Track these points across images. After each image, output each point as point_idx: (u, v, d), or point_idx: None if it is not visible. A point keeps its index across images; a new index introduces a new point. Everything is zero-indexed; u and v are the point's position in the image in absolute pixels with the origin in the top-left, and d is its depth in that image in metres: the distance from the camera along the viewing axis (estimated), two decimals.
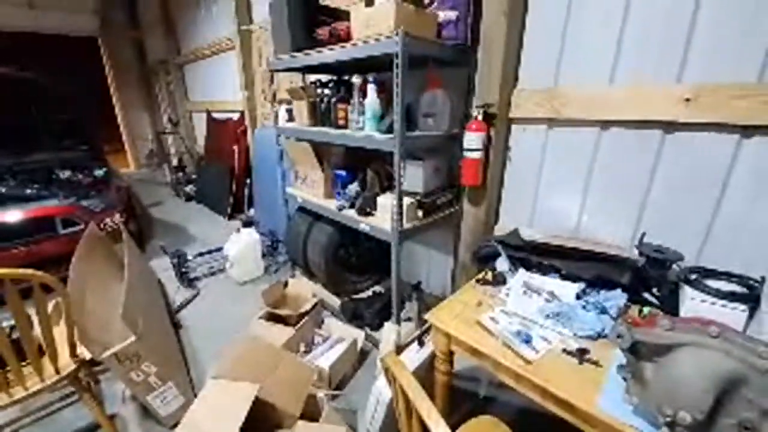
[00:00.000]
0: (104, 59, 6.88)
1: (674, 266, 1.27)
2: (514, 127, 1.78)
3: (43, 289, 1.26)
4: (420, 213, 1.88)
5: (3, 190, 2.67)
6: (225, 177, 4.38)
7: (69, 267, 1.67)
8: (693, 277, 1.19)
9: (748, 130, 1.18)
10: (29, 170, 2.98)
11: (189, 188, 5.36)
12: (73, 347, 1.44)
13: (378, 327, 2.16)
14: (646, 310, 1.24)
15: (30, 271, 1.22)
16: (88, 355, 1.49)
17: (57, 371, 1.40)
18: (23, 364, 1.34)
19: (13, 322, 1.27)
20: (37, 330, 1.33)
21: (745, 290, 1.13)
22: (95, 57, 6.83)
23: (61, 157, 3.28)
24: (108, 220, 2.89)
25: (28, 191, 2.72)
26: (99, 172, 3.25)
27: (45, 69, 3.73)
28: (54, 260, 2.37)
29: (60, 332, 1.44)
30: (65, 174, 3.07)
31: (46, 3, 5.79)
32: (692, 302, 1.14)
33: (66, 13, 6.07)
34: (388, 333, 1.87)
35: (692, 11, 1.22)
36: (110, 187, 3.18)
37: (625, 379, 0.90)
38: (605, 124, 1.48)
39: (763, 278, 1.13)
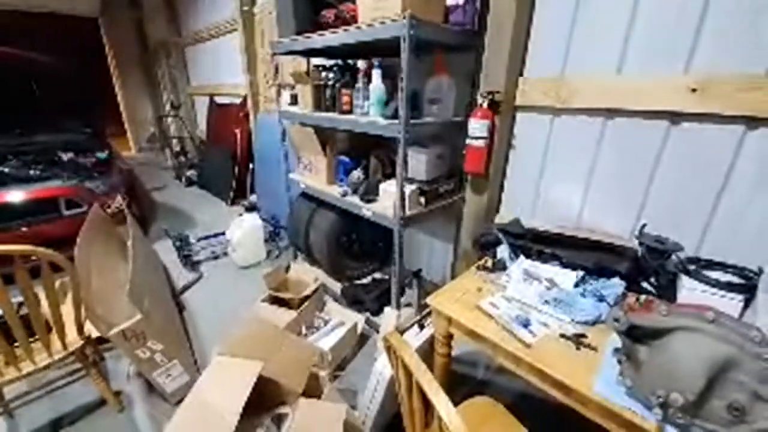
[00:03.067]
0: (105, 41, 6.78)
1: (673, 256, 1.29)
2: (519, 115, 1.78)
3: (50, 268, 1.29)
4: (422, 200, 1.89)
5: (6, 170, 2.67)
6: (227, 162, 4.38)
7: (73, 248, 1.70)
8: (691, 267, 1.21)
9: (753, 122, 1.18)
10: (32, 151, 2.97)
11: (190, 173, 5.35)
12: (80, 325, 1.48)
13: (378, 312, 2.20)
14: (643, 298, 1.26)
15: (40, 248, 1.24)
16: (95, 333, 1.52)
17: (64, 347, 1.44)
18: (32, 340, 1.37)
19: (21, 298, 1.29)
20: (45, 307, 1.36)
21: (741, 281, 1.15)
22: (96, 38, 6.74)
23: (64, 138, 3.27)
24: (111, 202, 2.90)
25: (32, 172, 2.72)
26: (101, 155, 3.25)
27: (46, 50, 3.70)
28: (58, 241, 2.38)
29: (67, 310, 1.47)
30: (68, 156, 3.06)
31: None
32: (689, 291, 1.17)
33: None
34: (388, 317, 1.90)
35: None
36: (113, 170, 3.18)
37: (619, 362, 0.92)
38: (611, 114, 1.48)
39: (760, 269, 1.15)
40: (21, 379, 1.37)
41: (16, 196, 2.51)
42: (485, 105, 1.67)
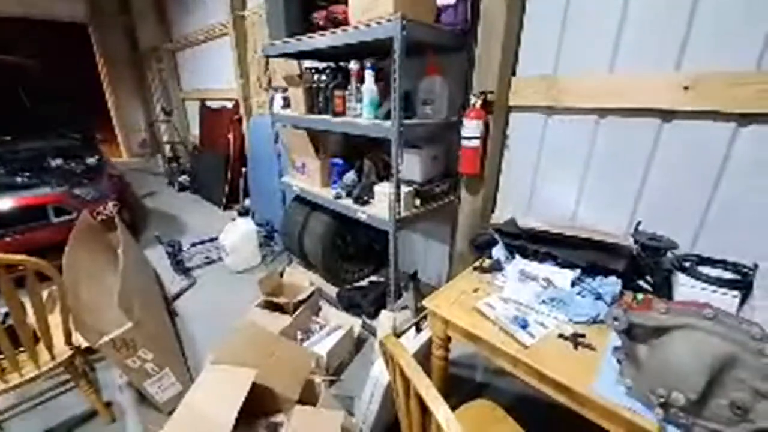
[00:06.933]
0: (95, 46, 6.72)
1: (668, 254, 1.29)
2: (512, 115, 1.78)
3: (37, 277, 1.25)
4: (417, 202, 1.88)
5: None
6: (220, 167, 4.34)
7: (62, 256, 1.66)
8: (686, 264, 1.21)
9: (745, 119, 1.18)
10: (20, 158, 2.92)
11: (183, 178, 5.30)
12: (68, 335, 1.44)
13: (374, 315, 2.17)
14: (640, 296, 1.25)
15: (24, 257, 1.21)
16: (83, 343, 1.48)
17: (52, 358, 1.40)
18: (18, 351, 1.33)
19: (5, 309, 1.26)
20: (32, 317, 1.32)
21: (737, 277, 1.15)
22: (85, 44, 6.67)
23: (53, 145, 3.22)
24: (101, 208, 2.86)
25: (19, 179, 2.67)
26: (91, 161, 3.20)
27: (35, 56, 3.65)
28: (46, 249, 2.33)
29: (55, 320, 1.43)
30: (57, 162, 3.01)
31: None
32: (685, 288, 1.16)
33: None
34: (385, 320, 1.88)
35: None
36: (103, 176, 3.13)
37: (619, 361, 0.91)
38: (603, 113, 1.48)
39: (755, 265, 1.15)
40: (8, 392, 1.33)
41: (3, 203, 2.46)
42: (478, 105, 1.66)
